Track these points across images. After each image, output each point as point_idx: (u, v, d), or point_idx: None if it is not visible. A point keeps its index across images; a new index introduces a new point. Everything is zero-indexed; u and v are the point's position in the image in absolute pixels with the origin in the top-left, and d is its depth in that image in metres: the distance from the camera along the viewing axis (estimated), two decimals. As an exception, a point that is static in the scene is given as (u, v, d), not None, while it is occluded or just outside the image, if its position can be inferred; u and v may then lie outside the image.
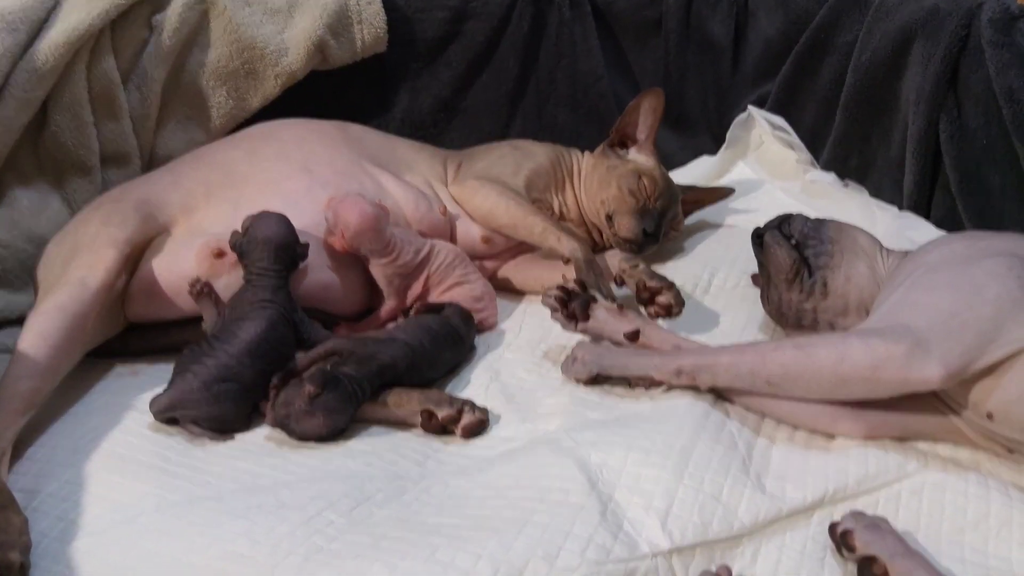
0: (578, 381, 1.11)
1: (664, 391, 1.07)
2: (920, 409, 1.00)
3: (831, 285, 1.12)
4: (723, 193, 1.64)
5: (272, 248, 1.11)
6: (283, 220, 1.15)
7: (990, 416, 0.92)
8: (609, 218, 1.45)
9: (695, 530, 0.83)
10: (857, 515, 0.83)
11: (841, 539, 0.81)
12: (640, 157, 1.51)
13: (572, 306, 1.17)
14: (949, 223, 1.46)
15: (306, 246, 1.17)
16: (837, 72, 1.69)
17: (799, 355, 0.96)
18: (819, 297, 1.13)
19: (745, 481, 0.90)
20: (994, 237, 1.06)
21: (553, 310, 1.18)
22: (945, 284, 0.97)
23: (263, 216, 1.14)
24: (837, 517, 0.87)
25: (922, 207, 1.51)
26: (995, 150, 1.36)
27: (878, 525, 0.81)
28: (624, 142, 1.53)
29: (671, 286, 1.22)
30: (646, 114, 1.51)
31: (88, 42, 1.35)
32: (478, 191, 1.39)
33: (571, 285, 1.20)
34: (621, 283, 1.28)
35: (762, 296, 1.24)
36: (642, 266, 1.27)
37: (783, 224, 1.19)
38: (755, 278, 1.41)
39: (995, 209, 1.38)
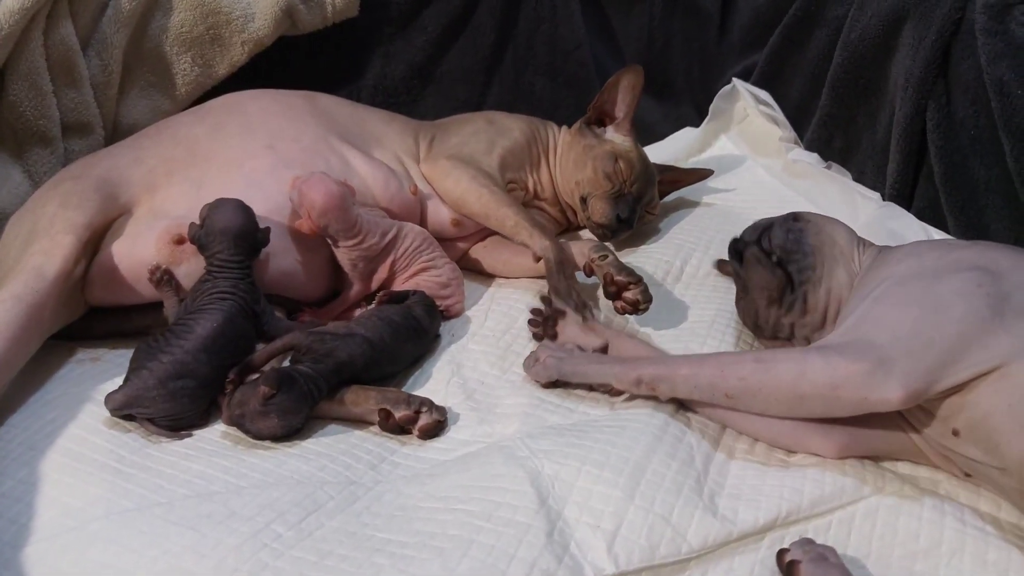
0: (538, 383, 1.11)
1: (625, 399, 1.07)
2: (886, 427, 0.99)
3: (811, 302, 1.10)
4: (702, 175, 1.62)
5: (231, 238, 1.09)
6: (240, 208, 1.12)
7: (956, 433, 0.91)
8: (583, 200, 1.42)
9: (642, 553, 0.84)
10: (806, 544, 0.83)
11: (787, 570, 0.81)
12: (617, 137, 1.47)
13: (542, 324, 1.19)
14: (931, 215, 1.44)
15: (267, 231, 1.15)
16: (826, 47, 1.64)
17: (758, 369, 0.95)
18: (798, 313, 1.11)
19: (697, 502, 0.90)
20: (968, 247, 1.04)
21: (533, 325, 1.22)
22: (912, 300, 0.96)
23: (220, 205, 1.11)
24: (788, 541, 0.87)
25: (904, 196, 1.49)
26: (982, 143, 1.33)
27: (825, 557, 0.81)
28: (602, 120, 1.50)
29: (639, 281, 1.20)
30: (625, 92, 1.47)
31: (44, 7, 1.29)
32: (450, 173, 1.36)
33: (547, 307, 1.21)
34: (590, 273, 1.27)
35: (737, 305, 1.22)
36: (611, 258, 1.25)
37: (763, 237, 1.14)
38: (721, 266, 1.41)
39: (978, 204, 1.35)
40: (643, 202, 1.46)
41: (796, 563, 0.81)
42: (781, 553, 0.84)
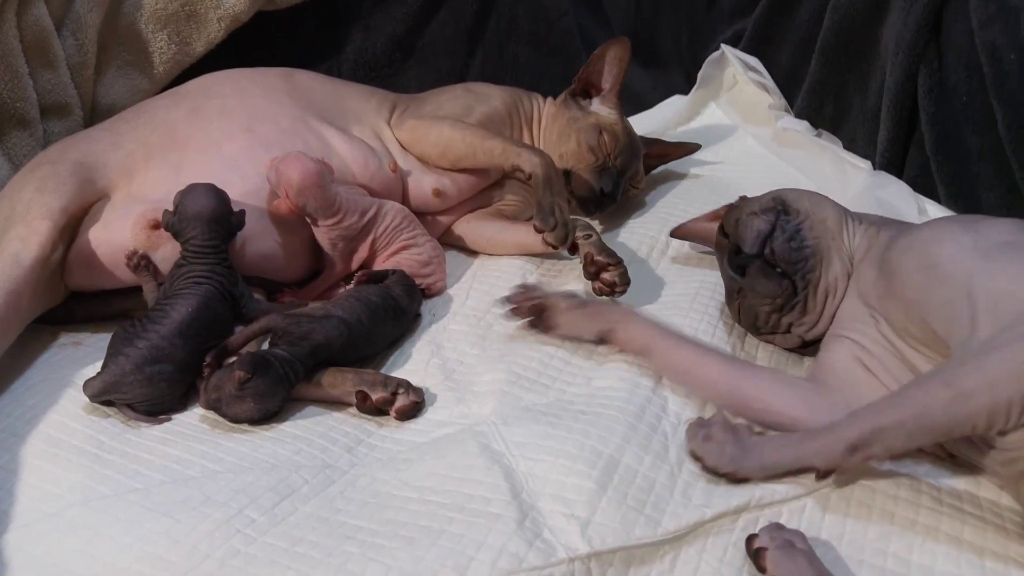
0: (705, 467, 0.93)
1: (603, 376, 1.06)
2: None
3: (811, 303, 1.08)
4: (689, 148, 1.60)
5: (204, 223, 1.09)
6: (213, 192, 1.12)
7: (1002, 433, 0.84)
8: (567, 173, 1.41)
9: (616, 536, 0.84)
10: (774, 531, 0.82)
11: (755, 557, 0.81)
12: (603, 109, 1.46)
13: (530, 319, 1.12)
14: (922, 183, 1.41)
15: (241, 214, 1.14)
16: (815, 11, 1.61)
17: (953, 395, 0.83)
18: (798, 314, 1.09)
19: (668, 499, 0.90)
20: (994, 222, 0.99)
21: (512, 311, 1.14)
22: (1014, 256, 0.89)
23: (192, 190, 1.11)
24: (762, 522, 0.87)
25: (895, 164, 1.46)
26: (974, 109, 1.29)
27: (792, 543, 0.80)
28: (587, 92, 1.48)
29: (619, 263, 1.19)
30: (611, 64, 1.45)
31: (15, -12, 1.29)
32: (430, 129, 1.35)
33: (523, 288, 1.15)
34: (573, 251, 1.26)
35: (729, 305, 1.19)
36: (595, 238, 1.24)
37: (766, 247, 1.08)
38: (676, 232, 1.37)
39: (969, 173, 1.33)
40: (627, 176, 1.44)
41: (763, 550, 0.81)
42: (750, 539, 0.83)
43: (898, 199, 1.39)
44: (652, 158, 1.55)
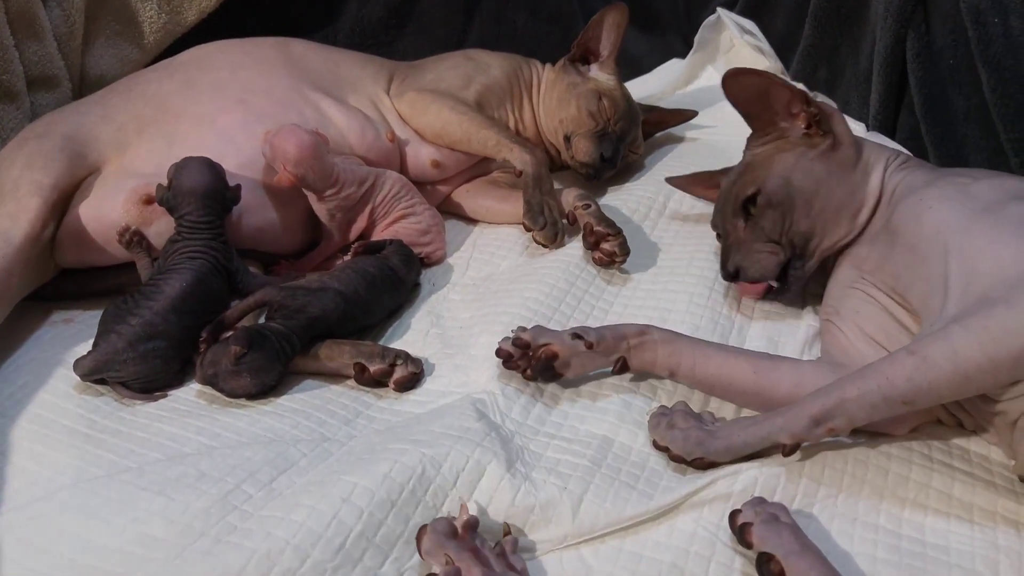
0: (672, 456, 0.88)
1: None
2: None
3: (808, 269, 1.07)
4: (686, 116, 1.53)
5: (199, 198, 1.02)
6: (208, 166, 1.05)
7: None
8: (567, 139, 1.35)
9: (607, 515, 0.80)
10: (757, 505, 0.79)
11: (739, 532, 0.77)
12: (602, 75, 1.39)
13: (529, 371, 0.96)
14: (912, 145, 1.36)
15: (237, 189, 1.08)
16: (809, -24, 1.54)
17: (918, 364, 0.81)
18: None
19: (662, 474, 0.86)
20: (989, 177, 0.95)
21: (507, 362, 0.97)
22: (1000, 231, 0.85)
23: (186, 164, 1.04)
24: (761, 483, 0.84)
25: (887, 127, 1.41)
26: (960, 72, 1.25)
27: (776, 517, 0.77)
28: (586, 58, 1.40)
29: (618, 233, 1.14)
30: (609, 30, 1.37)
31: (-3, -42, 1.20)
32: (429, 106, 1.28)
33: (517, 341, 0.96)
34: (573, 221, 1.21)
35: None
36: (594, 208, 1.19)
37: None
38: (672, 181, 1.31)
39: (957, 134, 1.28)
40: (626, 141, 1.38)
41: (748, 525, 0.76)
42: (733, 515, 0.79)
43: None
44: (650, 125, 1.49)
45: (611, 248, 1.14)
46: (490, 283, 1.18)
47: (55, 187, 1.04)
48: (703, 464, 0.86)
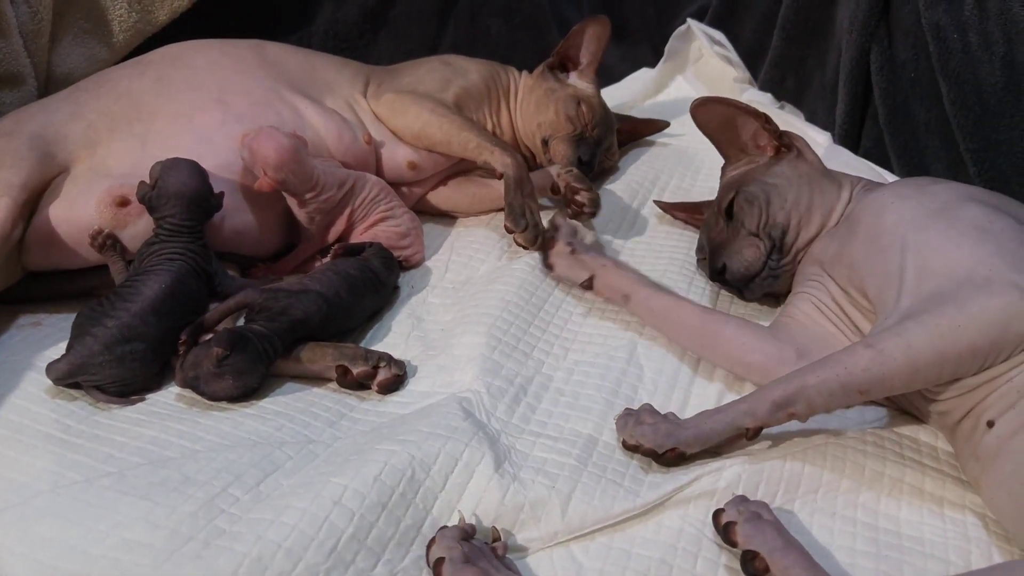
0: (644, 451, 0.89)
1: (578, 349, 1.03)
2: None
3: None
4: (658, 126, 1.57)
5: (185, 202, 1.01)
6: (195, 169, 1.03)
7: (990, 425, 0.84)
8: (544, 143, 1.37)
9: (595, 512, 0.82)
10: (740, 504, 0.81)
11: (724, 531, 0.79)
12: (580, 83, 1.41)
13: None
14: (876, 154, 1.42)
15: (220, 196, 1.06)
16: (777, -11, 1.59)
17: (874, 355, 0.85)
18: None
19: (647, 470, 0.88)
20: (944, 185, 1.01)
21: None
22: (953, 233, 0.90)
23: (174, 165, 1.02)
24: (744, 480, 0.86)
25: (852, 136, 1.46)
26: (922, 85, 1.30)
27: (759, 515, 0.79)
28: (565, 65, 1.43)
29: (590, 188, 1.23)
30: (590, 40, 1.40)
31: (-38, -49, 1.16)
32: (409, 107, 1.28)
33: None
34: (557, 191, 1.25)
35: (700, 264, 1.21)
36: (575, 171, 1.26)
37: (748, 282, 1.11)
38: (665, 208, 1.37)
39: (919, 144, 1.33)
40: (603, 147, 1.40)
41: (732, 524, 0.78)
42: (717, 515, 0.81)
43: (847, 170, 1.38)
44: (623, 134, 1.52)
45: (582, 199, 1.21)
46: (470, 286, 1.19)
47: (25, 187, 1.01)
48: (674, 456, 0.88)
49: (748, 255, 1.09)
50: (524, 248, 1.20)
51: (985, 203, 0.93)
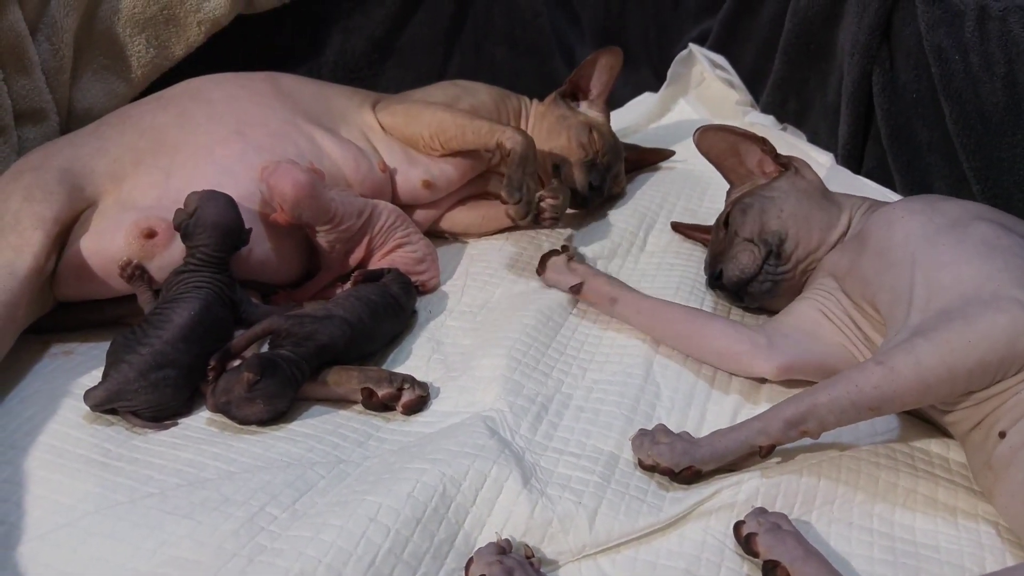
0: (660, 470, 0.94)
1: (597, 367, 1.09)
2: (831, 345, 1.05)
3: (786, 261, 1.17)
4: (664, 155, 1.64)
5: (220, 234, 1.07)
6: (232, 204, 1.10)
7: (1002, 435, 0.88)
8: (556, 168, 1.43)
9: (622, 527, 0.87)
10: (760, 515, 0.85)
11: (745, 542, 0.84)
12: (591, 112, 1.49)
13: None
14: (879, 173, 1.47)
15: (250, 232, 1.13)
16: (776, 14, 1.66)
17: (885, 373, 0.89)
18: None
19: (668, 485, 0.93)
20: (950, 203, 1.06)
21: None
22: (960, 250, 0.95)
23: (213, 198, 1.09)
24: (762, 493, 0.91)
25: (855, 156, 1.52)
26: (923, 105, 1.37)
27: (779, 526, 0.83)
28: (576, 94, 1.50)
29: (557, 198, 1.30)
30: (602, 71, 1.48)
31: (-12, -8, 1.23)
32: (423, 111, 1.36)
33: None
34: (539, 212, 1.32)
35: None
36: (556, 183, 1.32)
37: (744, 287, 1.17)
38: (680, 229, 1.44)
39: (922, 163, 1.39)
40: (612, 173, 1.47)
41: (753, 535, 0.83)
42: (738, 527, 0.86)
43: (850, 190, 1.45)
44: (629, 163, 1.58)
45: (545, 205, 1.28)
46: (487, 312, 1.24)
47: (57, 220, 1.07)
48: (690, 475, 0.93)
49: (743, 259, 1.15)
50: (513, 221, 1.27)
51: (993, 221, 0.99)
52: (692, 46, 1.79)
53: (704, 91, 1.83)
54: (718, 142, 1.26)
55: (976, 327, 0.87)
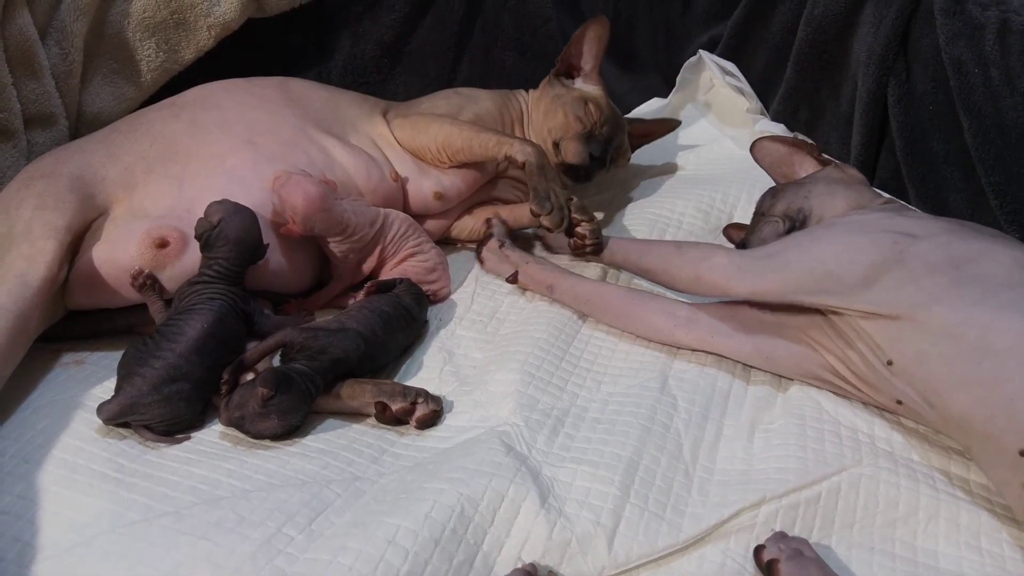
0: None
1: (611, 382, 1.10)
2: (793, 341, 1.09)
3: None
4: (670, 125, 1.61)
5: (241, 248, 1.07)
6: (255, 221, 1.10)
7: (890, 363, 0.98)
8: (556, 145, 1.42)
9: (640, 547, 0.86)
10: (781, 541, 0.85)
11: (767, 570, 0.83)
12: (586, 86, 1.48)
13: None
14: (893, 185, 1.46)
15: (267, 247, 1.12)
16: (789, 22, 1.65)
17: (673, 249, 1.13)
18: None
19: (687, 499, 0.93)
20: (917, 219, 1.08)
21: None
22: (827, 236, 1.05)
23: (237, 213, 1.08)
24: (781, 515, 0.90)
25: (868, 167, 1.51)
26: (941, 117, 1.35)
27: (801, 552, 0.83)
28: (570, 72, 1.50)
29: (592, 219, 1.26)
30: (591, 43, 1.47)
31: (-1, -3, 1.22)
32: (430, 124, 1.35)
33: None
34: (571, 233, 1.28)
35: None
36: (576, 200, 1.29)
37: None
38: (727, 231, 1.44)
39: (937, 176, 1.38)
40: (613, 144, 1.45)
41: (775, 562, 0.82)
42: (758, 551, 0.85)
43: None
44: (636, 138, 1.57)
45: (583, 231, 1.25)
46: (498, 322, 1.24)
47: (69, 229, 1.06)
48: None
49: (767, 230, 1.18)
50: (549, 231, 1.25)
51: (900, 237, 1.00)
52: (702, 52, 1.77)
53: (713, 98, 1.82)
54: (773, 151, 1.32)
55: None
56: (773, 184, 1.30)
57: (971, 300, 0.92)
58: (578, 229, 1.25)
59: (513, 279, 1.27)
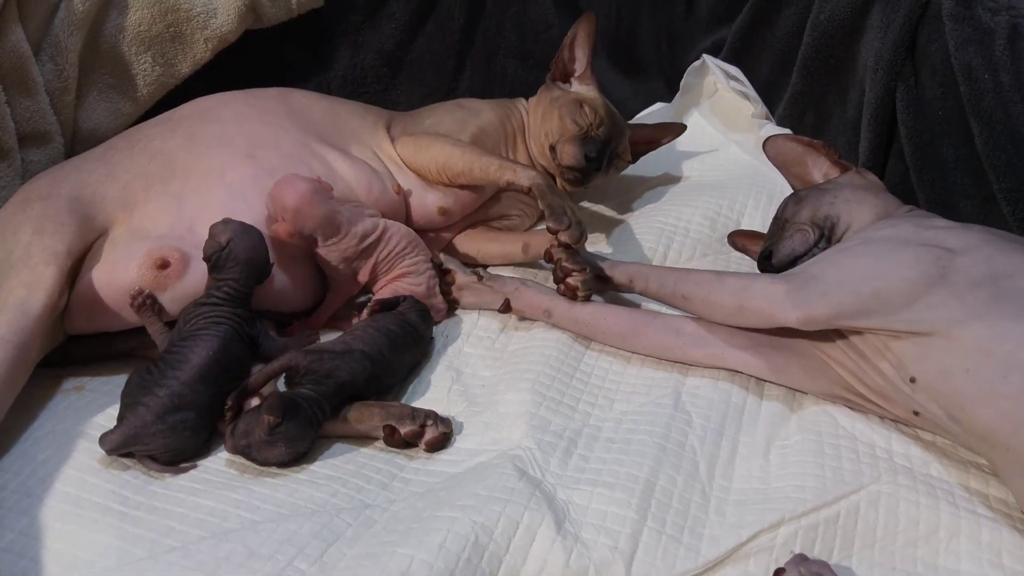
0: None
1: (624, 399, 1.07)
2: (794, 350, 1.08)
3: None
4: (676, 130, 1.57)
5: (250, 270, 1.05)
6: (262, 239, 1.08)
7: (913, 380, 0.96)
8: (552, 149, 1.40)
9: (659, 574, 0.85)
10: (801, 564, 0.83)
11: None
12: (582, 88, 1.46)
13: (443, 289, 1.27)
14: (901, 191, 1.44)
15: (272, 267, 1.10)
16: (795, 26, 1.63)
17: (713, 278, 1.09)
18: None
19: (704, 520, 0.91)
20: (949, 229, 1.06)
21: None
22: (868, 254, 1.03)
23: (247, 234, 1.06)
24: (801, 536, 0.89)
25: (876, 173, 1.48)
26: (950, 124, 1.34)
27: (821, 575, 0.82)
28: (566, 76, 1.48)
29: (583, 270, 1.19)
30: (581, 44, 1.46)
31: (-10, 12, 1.19)
32: (432, 144, 1.32)
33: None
34: (549, 259, 1.23)
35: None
36: (570, 250, 1.22)
37: (791, 265, 1.15)
38: (732, 239, 1.42)
39: (947, 182, 1.36)
40: (611, 147, 1.42)
41: None
42: (778, 573, 0.83)
43: None
44: (641, 144, 1.54)
45: (574, 283, 1.19)
46: (505, 339, 1.22)
47: (69, 253, 1.04)
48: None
49: (796, 239, 1.16)
50: (567, 247, 1.20)
51: (940, 252, 0.99)
52: (706, 56, 1.76)
53: (717, 102, 1.80)
54: (786, 150, 1.30)
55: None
56: (779, 189, 1.29)
57: (1008, 315, 0.91)
58: (569, 280, 1.20)
59: (505, 308, 1.22)
